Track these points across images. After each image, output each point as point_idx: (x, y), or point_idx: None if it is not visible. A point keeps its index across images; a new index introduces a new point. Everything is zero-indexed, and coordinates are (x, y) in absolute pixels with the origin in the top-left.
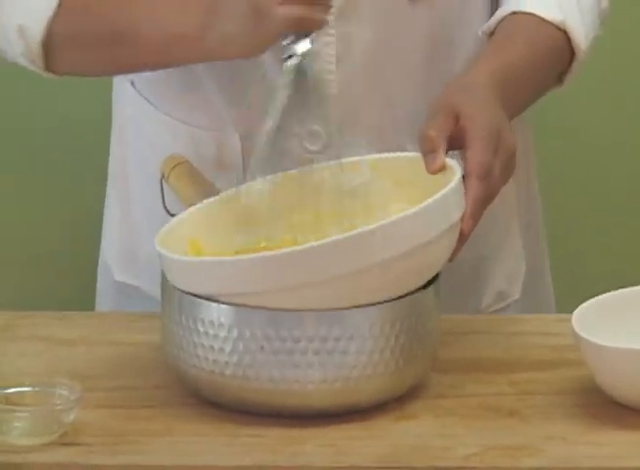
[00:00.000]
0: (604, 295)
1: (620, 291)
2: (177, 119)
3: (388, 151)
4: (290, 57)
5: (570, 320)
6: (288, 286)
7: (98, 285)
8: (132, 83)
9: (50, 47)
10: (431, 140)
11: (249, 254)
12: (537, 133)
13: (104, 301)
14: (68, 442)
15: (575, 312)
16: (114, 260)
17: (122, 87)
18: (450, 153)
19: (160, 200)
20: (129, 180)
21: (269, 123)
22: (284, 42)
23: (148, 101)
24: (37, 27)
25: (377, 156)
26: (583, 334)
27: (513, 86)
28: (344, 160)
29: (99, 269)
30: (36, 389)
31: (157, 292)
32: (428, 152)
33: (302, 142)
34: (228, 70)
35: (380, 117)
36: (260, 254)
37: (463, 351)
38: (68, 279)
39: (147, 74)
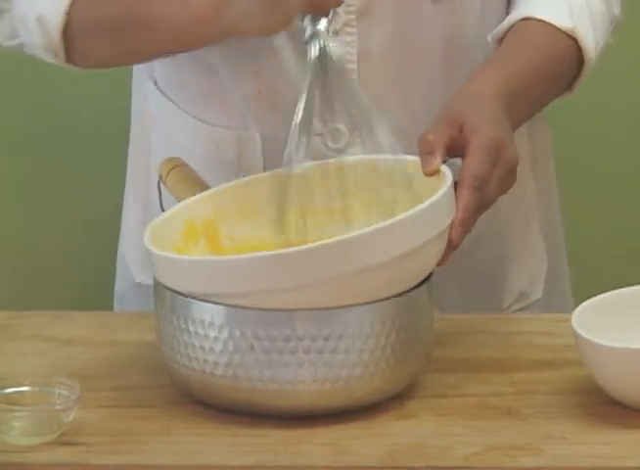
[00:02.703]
0: (603, 294)
1: (620, 290)
2: (198, 118)
3: (407, 150)
4: (311, 39)
5: (568, 320)
6: (277, 288)
7: (117, 286)
8: (155, 82)
9: (69, 36)
10: (429, 143)
11: (241, 251)
12: (556, 132)
13: (125, 303)
14: (68, 441)
15: (575, 312)
16: (135, 262)
17: (144, 86)
18: (453, 161)
19: (158, 202)
20: (150, 180)
21: (294, 122)
22: (302, 23)
23: (170, 100)
24: (56, 16)
25: (377, 156)
26: (583, 333)
27: (520, 95)
28: (344, 158)
29: (118, 271)
30: (36, 389)
31: None
32: (425, 154)
33: (325, 140)
34: (249, 69)
35: (399, 116)
36: (251, 254)
37: (462, 350)
38: (76, 280)
39: (169, 73)
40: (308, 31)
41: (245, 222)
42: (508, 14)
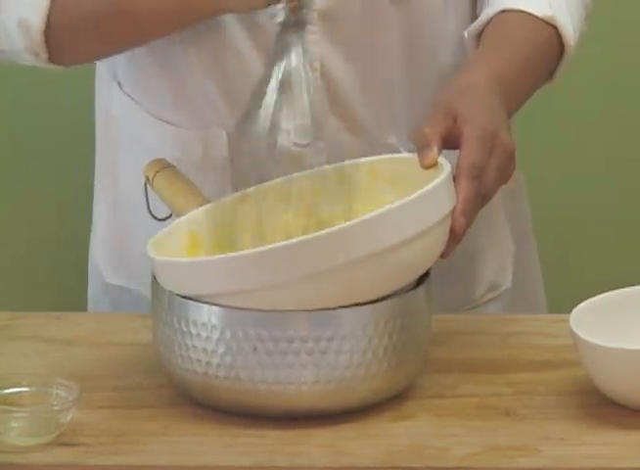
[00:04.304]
0: (601, 295)
1: (618, 291)
2: (162, 120)
3: (371, 147)
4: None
5: (566, 321)
6: (277, 283)
7: (89, 288)
8: (119, 84)
9: (52, 36)
10: (425, 136)
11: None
12: (521, 123)
13: (97, 304)
14: (67, 442)
15: (573, 313)
16: (105, 263)
17: (107, 87)
18: (450, 152)
19: (145, 204)
20: (118, 181)
21: (261, 120)
22: (279, 6)
23: (134, 101)
24: (37, 17)
25: (374, 158)
26: (581, 334)
27: (511, 85)
28: (343, 163)
29: (89, 272)
30: (34, 389)
31: (150, 293)
32: (422, 147)
33: (291, 136)
34: (212, 69)
35: (362, 115)
36: (248, 251)
37: (460, 351)
38: (56, 282)
39: (132, 75)
40: (283, 17)
41: (249, 233)
42: (476, 11)
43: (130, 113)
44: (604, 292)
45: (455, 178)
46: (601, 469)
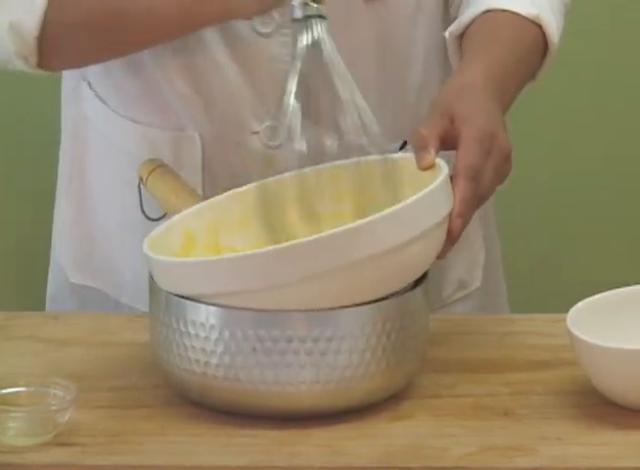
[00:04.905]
0: (598, 295)
1: (615, 291)
2: (133, 120)
3: (343, 148)
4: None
5: (563, 320)
6: (276, 284)
7: (50, 287)
8: (89, 84)
9: (45, 41)
10: (422, 138)
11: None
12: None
13: (58, 302)
14: (64, 442)
15: (570, 312)
16: (70, 262)
17: (76, 88)
18: (447, 153)
19: (139, 204)
20: (86, 181)
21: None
22: (293, 2)
23: (104, 102)
24: (32, 21)
25: (370, 157)
26: (578, 334)
27: (504, 84)
28: (337, 162)
29: (50, 272)
30: (31, 389)
31: (116, 293)
32: (419, 149)
33: (262, 138)
34: (183, 68)
35: (335, 114)
36: (246, 252)
37: (457, 351)
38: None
39: (103, 75)
40: (298, 13)
41: (244, 232)
42: (447, 13)
43: (100, 113)
44: (601, 291)
45: (452, 179)
46: (598, 469)
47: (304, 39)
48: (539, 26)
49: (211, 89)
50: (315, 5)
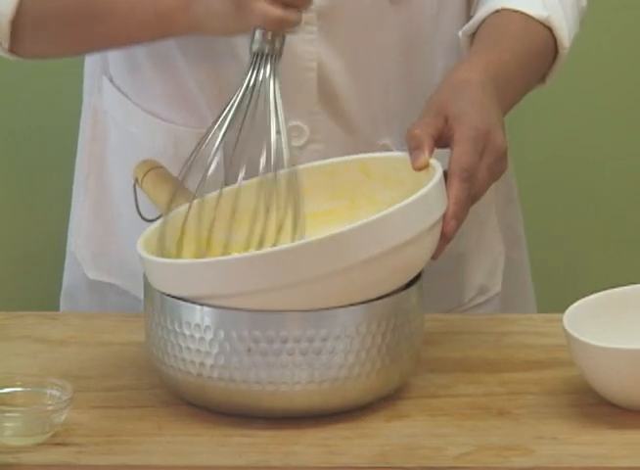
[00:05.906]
0: (594, 295)
1: (611, 291)
2: (157, 116)
3: (366, 148)
4: (259, 52)
5: (560, 320)
6: (269, 287)
7: (66, 284)
8: (111, 79)
9: (18, 25)
10: (416, 138)
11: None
12: (515, 129)
13: (75, 300)
14: (60, 442)
15: (566, 312)
16: (87, 258)
17: (98, 83)
18: (442, 151)
19: (134, 204)
20: (106, 177)
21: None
22: (257, 32)
23: (127, 97)
24: (7, 6)
25: (367, 155)
26: (574, 334)
27: (505, 83)
28: (334, 159)
29: (66, 268)
30: (28, 389)
31: (134, 289)
32: (413, 149)
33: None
34: (210, 68)
35: (357, 116)
36: (245, 254)
37: (454, 351)
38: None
39: (126, 71)
40: (257, 47)
41: (237, 229)
42: (469, 13)
43: (121, 108)
44: (597, 291)
45: (446, 178)
46: (594, 468)
47: (249, 78)
48: (550, 29)
49: (236, 88)
50: (275, 43)
